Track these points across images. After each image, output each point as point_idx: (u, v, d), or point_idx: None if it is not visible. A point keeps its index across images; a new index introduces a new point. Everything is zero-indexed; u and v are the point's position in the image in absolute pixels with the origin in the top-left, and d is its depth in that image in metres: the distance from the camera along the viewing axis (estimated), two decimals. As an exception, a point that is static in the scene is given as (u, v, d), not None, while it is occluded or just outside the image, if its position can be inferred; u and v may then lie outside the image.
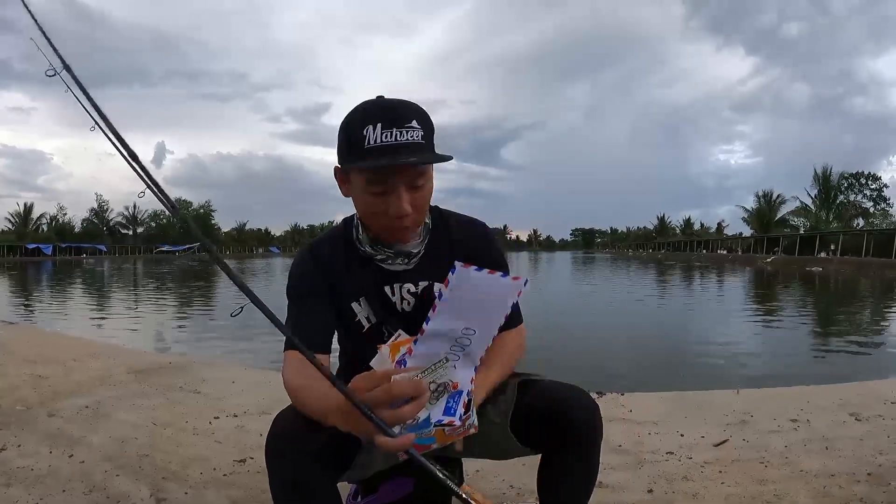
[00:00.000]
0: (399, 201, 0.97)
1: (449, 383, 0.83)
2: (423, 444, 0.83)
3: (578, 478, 1.06)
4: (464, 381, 0.85)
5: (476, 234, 1.17)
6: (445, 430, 0.84)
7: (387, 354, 0.81)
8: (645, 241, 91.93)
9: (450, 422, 0.83)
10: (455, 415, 0.84)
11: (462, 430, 0.85)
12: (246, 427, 2.37)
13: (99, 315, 9.66)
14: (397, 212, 0.97)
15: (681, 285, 17.69)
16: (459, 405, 0.84)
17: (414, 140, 0.94)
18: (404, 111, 0.96)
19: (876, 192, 47.99)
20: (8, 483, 1.80)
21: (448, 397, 0.84)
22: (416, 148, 0.95)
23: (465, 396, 0.85)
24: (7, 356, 4.04)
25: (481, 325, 0.84)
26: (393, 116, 0.94)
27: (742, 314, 9.84)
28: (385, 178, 0.96)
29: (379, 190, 0.97)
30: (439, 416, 0.83)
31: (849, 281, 19.38)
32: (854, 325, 8.52)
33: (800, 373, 4.73)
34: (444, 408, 0.83)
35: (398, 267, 1.11)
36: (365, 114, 0.96)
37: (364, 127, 0.94)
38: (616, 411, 2.63)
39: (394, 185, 0.96)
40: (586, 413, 1.02)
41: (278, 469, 0.92)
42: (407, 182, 0.97)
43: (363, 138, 0.94)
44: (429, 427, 0.82)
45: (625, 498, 1.73)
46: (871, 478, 1.81)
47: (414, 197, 0.99)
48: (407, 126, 0.94)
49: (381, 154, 0.93)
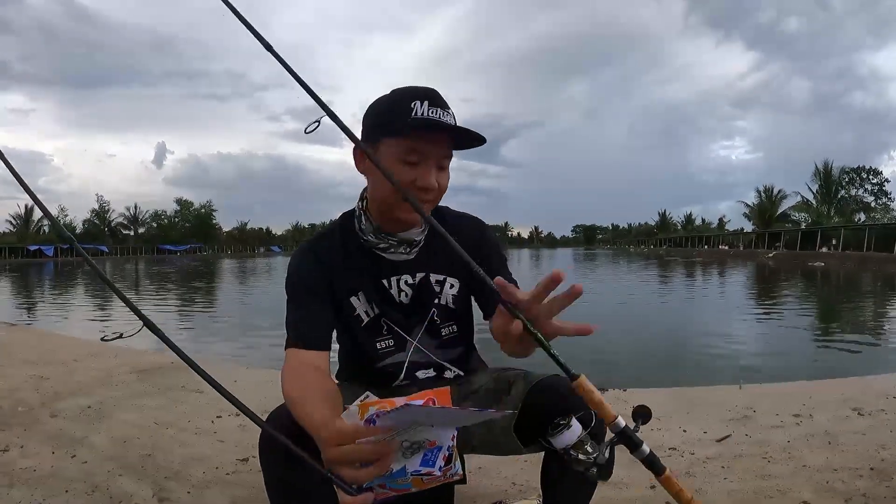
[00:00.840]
0: (428, 173, 1.01)
1: (425, 441, 0.79)
2: (400, 489, 0.80)
3: (581, 474, 1.06)
4: (443, 438, 0.81)
5: (474, 229, 1.18)
6: (424, 478, 0.79)
7: (356, 412, 0.78)
8: (646, 237, 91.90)
9: (428, 472, 0.79)
10: (434, 466, 0.80)
11: (442, 479, 0.81)
12: (248, 426, 2.37)
13: (100, 315, 9.67)
14: (425, 182, 1.01)
15: (682, 281, 17.68)
16: (439, 458, 0.80)
17: (453, 122, 1.02)
18: (444, 99, 1.03)
19: (877, 186, 47.99)
20: (11, 484, 1.80)
21: (426, 451, 0.80)
22: (478, 139, 1.02)
23: (446, 451, 0.81)
24: (8, 357, 4.04)
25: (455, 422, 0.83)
26: (437, 98, 1.02)
27: (744, 309, 9.83)
28: (423, 149, 1.00)
29: (414, 159, 1.00)
30: (416, 467, 0.79)
31: (851, 275, 19.36)
32: (856, 320, 8.51)
33: (802, 368, 4.73)
34: (421, 460, 0.80)
35: (399, 256, 1.11)
36: (411, 92, 1.02)
37: (412, 101, 1.00)
38: (619, 407, 2.61)
39: (427, 157, 1.01)
40: (589, 409, 1.02)
41: (272, 468, 0.92)
42: (439, 158, 1.03)
43: (410, 110, 0.99)
44: (405, 476, 0.79)
45: (627, 494, 1.73)
46: (873, 472, 1.81)
47: (440, 175, 1.04)
48: (448, 110, 1.02)
49: (428, 125, 0.99)
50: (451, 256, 1.13)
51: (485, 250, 1.15)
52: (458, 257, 0.89)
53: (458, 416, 0.81)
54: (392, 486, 0.80)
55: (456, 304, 1.17)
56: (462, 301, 1.18)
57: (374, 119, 1.05)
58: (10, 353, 4.28)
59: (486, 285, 1.10)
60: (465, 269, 1.13)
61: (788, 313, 9.11)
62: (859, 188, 47.96)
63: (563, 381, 1.07)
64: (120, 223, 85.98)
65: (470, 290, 1.19)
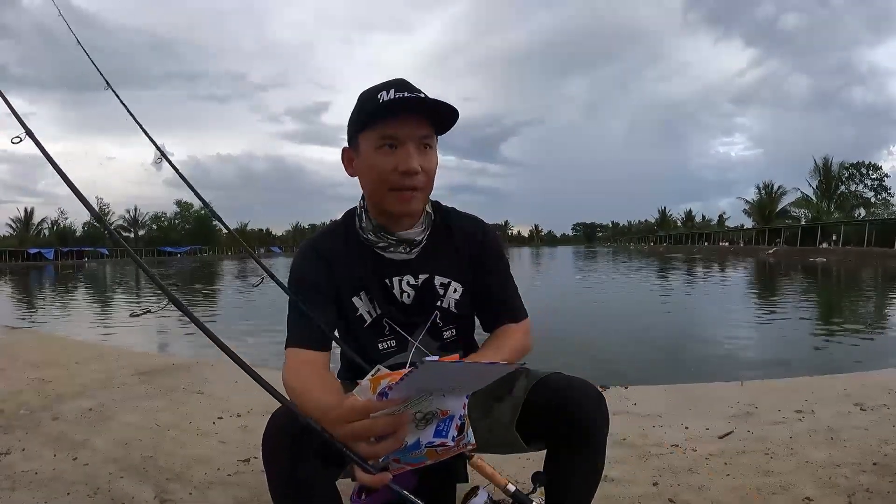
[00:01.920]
0: (408, 155, 0.99)
1: (437, 411, 0.80)
2: (415, 462, 0.81)
3: (584, 471, 1.05)
4: (454, 408, 0.82)
5: (475, 230, 1.17)
6: (438, 450, 0.81)
7: (367, 387, 0.78)
8: (646, 234, 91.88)
9: (441, 443, 0.81)
10: (447, 436, 0.81)
11: (456, 449, 0.83)
12: (249, 427, 2.37)
13: (101, 318, 9.67)
14: (406, 165, 0.99)
15: (683, 278, 17.67)
16: (451, 428, 0.82)
17: (424, 97, 1.00)
18: (413, 86, 1.03)
19: (877, 181, 47.85)
20: (12, 487, 1.80)
21: (438, 422, 0.81)
22: (446, 106, 1.00)
23: (458, 420, 0.82)
24: (10, 360, 4.04)
25: (466, 386, 0.83)
26: (404, 85, 1.01)
27: (745, 305, 9.82)
28: (397, 132, 0.99)
29: (390, 143, 1.00)
30: (429, 439, 0.80)
31: (851, 271, 19.34)
32: (858, 315, 8.50)
33: (804, 364, 4.72)
34: (434, 431, 0.81)
35: (400, 256, 1.10)
36: (380, 85, 1.02)
37: (378, 93, 1.00)
38: (621, 404, 2.62)
39: (404, 140, 0.99)
40: (592, 406, 1.02)
41: (276, 467, 0.91)
42: (417, 139, 1.00)
43: (377, 99, 0.99)
44: (419, 449, 0.80)
45: (630, 491, 1.73)
46: (876, 468, 1.81)
47: (424, 158, 1.01)
48: (417, 91, 1.01)
49: (393, 106, 0.98)
50: (456, 259, 1.13)
51: (488, 257, 1.15)
52: (463, 260, 0.90)
53: (471, 372, 0.80)
54: (407, 460, 0.80)
55: (459, 309, 1.15)
56: (465, 306, 1.16)
57: (349, 125, 1.06)
58: (13, 355, 4.28)
59: (492, 300, 1.15)
60: (470, 274, 1.14)
61: (789, 309, 9.11)
62: (859, 183, 47.87)
63: (564, 378, 1.07)
64: (120, 226, 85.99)
65: (473, 299, 1.17)
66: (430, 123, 1.02)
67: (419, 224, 1.10)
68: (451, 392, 0.80)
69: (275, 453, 0.91)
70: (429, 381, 0.76)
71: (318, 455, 0.88)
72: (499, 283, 1.16)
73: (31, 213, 74.12)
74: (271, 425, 0.94)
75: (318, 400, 0.88)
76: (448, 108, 1.00)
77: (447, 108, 1.00)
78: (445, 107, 1.00)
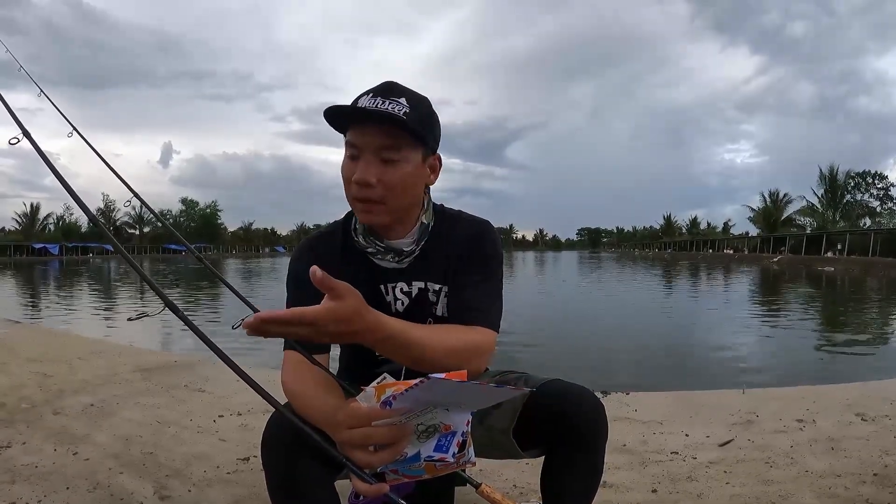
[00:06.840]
0: (365, 167, 0.95)
1: (440, 425, 0.79)
2: (412, 475, 0.80)
3: (582, 477, 1.05)
4: (458, 423, 0.80)
5: (472, 232, 1.11)
6: (437, 465, 0.79)
7: (372, 394, 0.77)
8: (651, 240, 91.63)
9: (441, 458, 0.79)
10: (447, 452, 0.80)
11: (455, 466, 0.81)
12: (250, 425, 2.37)
13: (104, 313, 9.70)
14: (359, 177, 0.95)
15: (687, 285, 17.61)
16: (453, 444, 0.80)
17: (393, 112, 0.93)
18: (399, 90, 0.97)
19: (883, 191, 47.61)
20: (12, 480, 1.81)
21: (440, 437, 0.80)
22: (392, 118, 0.93)
23: (460, 437, 0.81)
24: (12, 355, 4.06)
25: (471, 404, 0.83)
26: (387, 89, 0.96)
27: (749, 313, 9.78)
28: (357, 141, 0.96)
29: (353, 153, 0.97)
30: (430, 453, 0.79)
31: (856, 280, 19.24)
32: (861, 325, 8.45)
33: (806, 372, 4.70)
34: (435, 445, 0.79)
35: (389, 264, 1.07)
36: (368, 90, 0.98)
37: (360, 98, 0.96)
38: (621, 411, 2.62)
39: (363, 149, 0.96)
40: (591, 412, 1.01)
41: (274, 468, 0.91)
42: (376, 149, 0.95)
43: (350, 105, 0.96)
44: (418, 461, 0.79)
45: (629, 497, 1.72)
46: (877, 478, 1.80)
47: (384, 171, 0.96)
48: (394, 100, 0.95)
49: (357, 112, 0.94)
50: (446, 264, 1.09)
51: (475, 256, 1.08)
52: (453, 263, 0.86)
53: (477, 392, 0.78)
54: (405, 472, 0.80)
55: None
56: None
57: None
58: (15, 350, 4.29)
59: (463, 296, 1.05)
60: (452, 274, 1.08)
61: (793, 317, 9.07)
62: (865, 192, 47.66)
63: (563, 385, 1.07)
64: (125, 223, 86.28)
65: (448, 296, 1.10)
66: (402, 133, 0.95)
67: (410, 234, 1.07)
68: (456, 408, 0.80)
69: (274, 452, 0.91)
70: (434, 395, 0.75)
71: (316, 455, 0.88)
72: (474, 283, 1.05)
73: (37, 208, 74.61)
74: (271, 425, 0.94)
75: (320, 404, 0.87)
76: (400, 120, 0.93)
77: (399, 120, 0.93)
78: (397, 119, 0.93)
